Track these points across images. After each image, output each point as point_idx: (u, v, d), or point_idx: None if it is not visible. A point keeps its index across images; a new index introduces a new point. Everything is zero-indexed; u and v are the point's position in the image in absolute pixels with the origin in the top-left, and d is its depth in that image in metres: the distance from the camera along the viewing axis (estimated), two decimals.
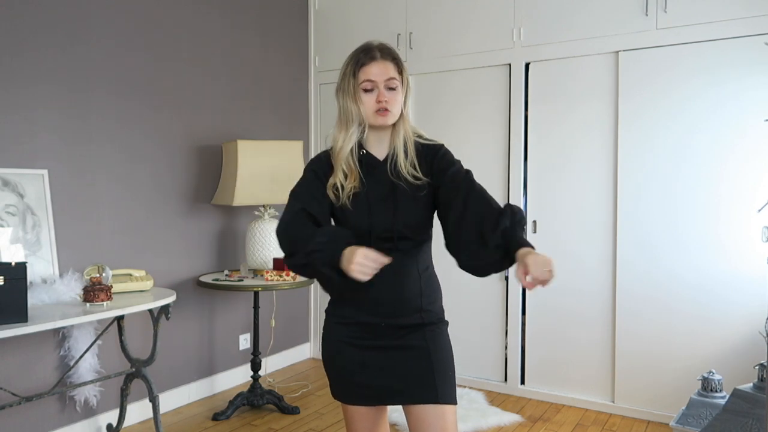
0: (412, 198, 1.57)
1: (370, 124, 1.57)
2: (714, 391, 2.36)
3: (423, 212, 1.59)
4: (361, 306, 1.58)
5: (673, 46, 3.04)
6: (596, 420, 3.15)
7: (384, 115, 1.54)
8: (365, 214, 1.56)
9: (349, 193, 1.56)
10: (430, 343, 1.58)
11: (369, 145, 1.61)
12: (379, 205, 1.56)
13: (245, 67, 3.75)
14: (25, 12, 2.61)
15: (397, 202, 1.56)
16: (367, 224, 1.55)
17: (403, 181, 1.56)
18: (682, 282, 3.04)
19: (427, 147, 1.63)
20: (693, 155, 3.02)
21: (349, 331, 1.60)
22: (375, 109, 1.54)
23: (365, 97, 1.55)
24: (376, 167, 1.59)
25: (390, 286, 1.55)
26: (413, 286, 1.59)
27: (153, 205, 3.19)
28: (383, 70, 1.55)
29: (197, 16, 3.42)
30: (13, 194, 2.55)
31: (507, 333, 3.55)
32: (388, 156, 1.59)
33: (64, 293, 2.50)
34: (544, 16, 3.38)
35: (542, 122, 3.43)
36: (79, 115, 2.83)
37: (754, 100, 2.86)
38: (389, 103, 1.54)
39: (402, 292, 1.57)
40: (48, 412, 2.71)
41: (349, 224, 1.57)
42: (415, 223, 1.57)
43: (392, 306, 1.57)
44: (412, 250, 1.59)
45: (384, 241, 1.54)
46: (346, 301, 1.60)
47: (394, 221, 1.55)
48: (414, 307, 1.59)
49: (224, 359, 3.63)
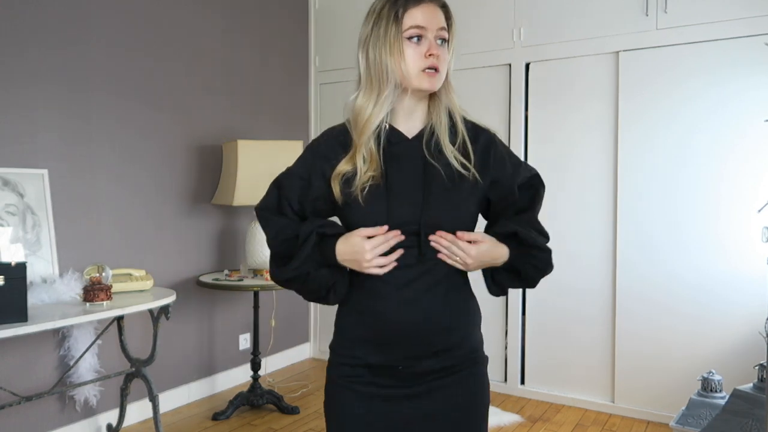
0: (450, 188, 1.18)
1: (412, 87, 1.17)
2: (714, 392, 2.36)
3: (464, 208, 1.20)
4: (369, 340, 1.21)
5: (673, 46, 3.03)
6: (596, 420, 3.15)
7: (433, 76, 1.16)
8: (382, 210, 1.17)
9: (364, 183, 1.17)
10: (464, 395, 1.22)
11: (395, 117, 1.22)
12: (402, 197, 1.18)
13: (245, 67, 3.75)
14: (25, 12, 2.61)
15: (429, 192, 1.17)
16: (390, 222, 1.17)
17: (443, 165, 1.19)
18: (682, 282, 3.04)
19: (477, 129, 1.27)
20: (693, 155, 3.02)
21: (355, 373, 1.22)
22: (423, 66, 1.15)
23: (409, 50, 1.15)
24: (402, 148, 1.21)
25: (410, 316, 1.17)
26: (441, 316, 1.19)
27: (153, 204, 3.19)
28: (434, 15, 1.17)
29: (197, 16, 3.42)
30: (13, 194, 2.55)
31: (507, 333, 3.55)
32: (423, 133, 1.21)
33: (64, 293, 2.50)
34: (544, 16, 3.38)
35: (542, 122, 3.43)
36: (80, 114, 2.83)
37: (754, 101, 2.86)
38: (440, 60, 1.17)
39: (426, 325, 1.18)
40: (48, 411, 2.71)
41: (357, 225, 1.20)
42: (451, 221, 1.18)
43: (414, 339, 1.18)
44: (441, 265, 1.19)
45: (405, 245, 1.17)
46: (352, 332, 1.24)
47: (422, 216, 1.16)
48: (444, 342, 1.20)
49: (224, 359, 3.63)
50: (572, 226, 3.34)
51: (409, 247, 1.17)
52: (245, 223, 3.62)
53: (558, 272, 3.32)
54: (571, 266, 3.31)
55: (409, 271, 1.17)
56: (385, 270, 1.16)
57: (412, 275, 1.18)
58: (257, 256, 3.28)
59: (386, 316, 1.18)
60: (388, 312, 1.18)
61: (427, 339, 1.19)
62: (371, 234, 1.16)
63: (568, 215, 3.34)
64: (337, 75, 4.08)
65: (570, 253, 3.32)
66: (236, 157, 3.21)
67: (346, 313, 1.26)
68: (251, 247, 3.29)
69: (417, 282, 1.18)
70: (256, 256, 3.28)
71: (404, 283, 1.18)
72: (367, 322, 1.21)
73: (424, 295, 1.18)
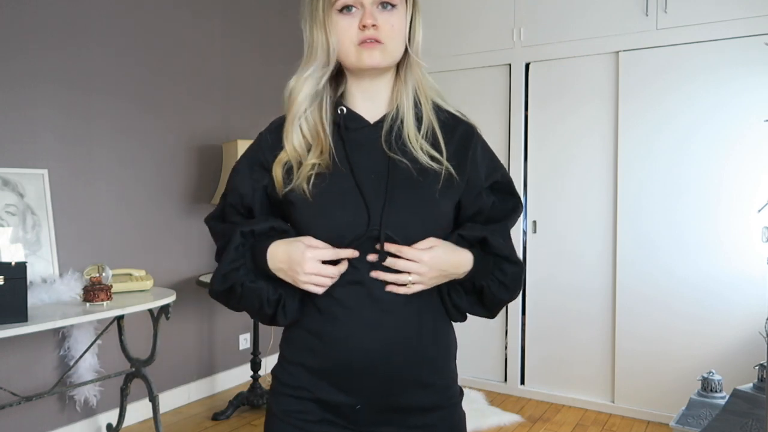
0: (418, 185, 0.98)
1: (351, 65, 0.99)
2: (714, 392, 2.36)
3: (436, 208, 0.99)
4: (320, 370, 0.99)
5: (673, 46, 3.04)
6: (596, 420, 3.15)
7: (371, 47, 0.95)
8: (333, 207, 0.97)
9: (308, 173, 0.98)
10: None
11: (351, 100, 1.03)
12: (358, 194, 0.97)
13: (245, 68, 3.75)
14: (25, 12, 2.61)
15: (392, 191, 0.97)
16: (336, 225, 0.96)
17: (409, 159, 0.99)
18: (682, 282, 3.04)
19: (455, 119, 1.06)
20: (693, 155, 3.02)
21: (302, 409, 1.00)
22: (357, 39, 0.96)
23: (342, 22, 0.96)
24: (362, 135, 1.02)
25: (372, 343, 0.96)
26: (410, 344, 0.98)
27: (153, 204, 3.19)
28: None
29: (197, 16, 3.42)
30: (13, 194, 2.55)
31: (507, 333, 3.55)
32: (386, 118, 1.02)
33: (64, 293, 2.50)
34: (545, 16, 3.38)
35: (542, 122, 3.43)
36: (80, 114, 2.83)
37: (754, 101, 2.86)
38: (381, 30, 0.95)
39: (392, 355, 0.97)
40: (48, 411, 2.71)
41: (304, 225, 0.99)
42: (420, 224, 0.98)
43: (374, 377, 0.97)
44: None
45: (362, 254, 0.96)
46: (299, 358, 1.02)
47: (383, 220, 0.95)
48: (410, 381, 0.99)
49: (224, 359, 3.63)
50: (572, 226, 3.34)
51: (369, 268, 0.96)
52: None
53: (558, 272, 3.34)
54: (571, 266, 3.31)
55: (365, 289, 0.96)
56: (322, 289, 0.96)
57: (374, 291, 0.96)
58: None
59: (341, 344, 0.97)
60: (343, 338, 0.96)
61: (393, 373, 0.98)
62: (320, 249, 0.96)
63: (568, 215, 3.34)
64: None
65: (570, 253, 3.32)
66: (236, 158, 3.20)
67: (292, 335, 1.04)
68: None
69: (380, 299, 0.96)
70: None
71: (363, 298, 0.96)
72: (317, 348, 0.99)
73: (389, 318, 0.97)
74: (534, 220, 3.45)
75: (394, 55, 0.99)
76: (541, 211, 3.44)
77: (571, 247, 3.33)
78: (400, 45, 1.00)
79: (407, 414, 1.00)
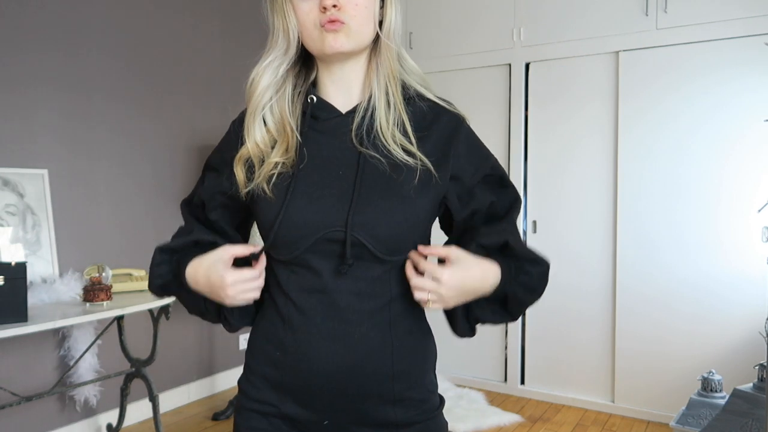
0: (390, 181, 0.89)
1: (316, 51, 0.91)
2: (714, 391, 2.36)
3: (411, 207, 0.88)
4: (284, 384, 0.92)
5: (673, 46, 3.04)
6: (596, 420, 3.15)
7: (334, 28, 0.87)
8: (296, 206, 0.88)
9: (269, 171, 0.91)
10: None
11: (323, 89, 0.96)
12: (325, 190, 0.89)
13: (245, 68, 3.73)
14: (25, 13, 2.61)
15: (360, 187, 0.88)
16: (299, 225, 0.88)
17: (381, 154, 0.90)
18: (682, 282, 3.04)
19: (438, 108, 0.95)
20: (693, 155, 3.02)
21: (269, 426, 0.94)
22: (320, 21, 0.88)
23: (302, 5, 0.89)
24: (332, 125, 0.93)
25: (338, 355, 0.88)
26: (379, 355, 0.90)
27: (153, 204, 3.19)
28: None
29: (196, 18, 3.42)
30: (13, 194, 2.55)
31: (507, 333, 3.55)
32: (358, 108, 0.93)
33: (64, 293, 2.50)
34: (545, 16, 3.38)
35: (542, 122, 3.43)
36: (80, 115, 2.83)
37: (754, 100, 2.86)
38: (344, 10, 0.87)
39: (360, 367, 0.89)
40: (48, 411, 2.71)
41: (266, 225, 0.91)
42: (388, 230, 0.87)
43: (342, 388, 0.89)
44: (378, 286, 0.90)
45: (324, 259, 0.88)
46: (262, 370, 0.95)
47: (350, 215, 0.86)
48: (380, 395, 0.91)
49: (224, 359, 3.63)
50: (572, 226, 3.34)
51: (331, 255, 0.88)
52: None
53: (558, 272, 3.34)
54: (571, 266, 3.31)
55: (336, 293, 0.88)
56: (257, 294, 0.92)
57: (339, 299, 0.88)
58: None
59: (300, 354, 0.90)
60: (301, 348, 0.89)
61: (362, 390, 0.90)
62: (240, 255, 0.90)
63: (568, 215, 3.34)
64: None
65: (570, 253, 3.32)
66: None
67: (254, 344, 0.98)
68: None
69: (346, 307, 0.88)
70: None
71: (327, 307, 0.88)
72: (279, 361, 0.92)
73: (356, 329, 0.88)
74: (534, 220, 3.45)
75: (361, 38, 0.89)
76: (541, 211, 3.44)
77: (571, 247, 3.33)
78: (367, 26, 0.89)
79: (380, 430, 0.92)
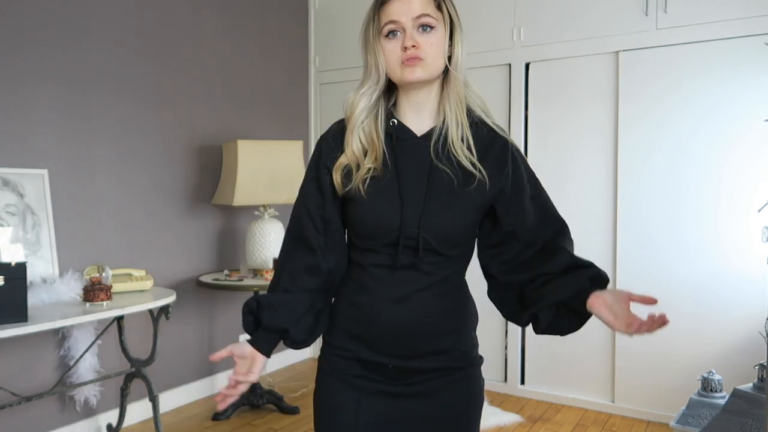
0: (455, 194, 1.15)
1: (397, 80, 1.16)
2: (714, 391, 2.36)
3: (466, 216, 1.17)
4: (359, 335, 1.20)
5: (673, 46, 3.03)
6: (596, 420, 3.15)
7: (412, 64, 1.12)
8: (381, 207, 1.15)
9: (364, 175, 1.15)
10: (457, 397, 1.20)
11: (401, 111, 1.21)
12: (404, 196, 1.15)
13: (245, 67, 3.75)
14: (25, 12, 2.61)
15: (431, 195, 1.15)
16: (381, 222, 1.15)
17: (450, 167, 1.15)
18: (682, 282, 3.04)
19: (492, 132, 1.22)
20: (693, 155, 3.02)
21: (347, 366, 1.21)
22: (400, 58, 1.13)
23: (388, 45, 1.14)
24: (410, 145, 1.18)
25: (401, 317, 1.16)
26: (433, 320, 1.18)
27: (153, 204, 3.19)
28: (409, 5, 1.13)
29: (197, 16, 3.42)
30: (13, 194, 2.55)
31: (507, 333, 3.55)
32: (434, 130, 1.18)
33: (64, 293, 2.50)
34: (544, 16, 3.38)
35: (542, 122, 3.43)
36: (80, 114, 2.83)
37: (754, 100, 2.86)
38: (421, 49, 1.12)
39: (418, 327, 1.17)
40: (48, 412, 2.71)
41: (357, 219, 1.18)
42: (451, 227, 1.15)
43: (402, 343, 1.17)
44: (438, 271, 1.18)
45: (402, 251, 1.15)
46: (343, 325, 1.23)
47: (421, 220, 1.13)
48: (432, 349, 1.19)
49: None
50: (572, 226, 3.28)
51: (407, 247, 1.15)
52: (245, 223, 3.62)
53: None
54: None
55: (404, 272, 1.16)
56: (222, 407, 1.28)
57: (406, 276, 1.16)
58: (257, 256, 3.28)
59: (374, 314, 1.17)
60: (375, 309, 1.17)
61: (416, 340, 1.17)
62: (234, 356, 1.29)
63: (568, 215, 3.30)
64: (337, 75, 4.08)
65: None
66: (236, 157, 3.20)
67: (338, 305, 1.26)
68: (251, 247, 3.29)
69: (410, 282, 1.16)
70: (256, 256, 3.28)
71: (396, 281, 1.16)
72: (355, 317, 1.20)
73: (415, 295, 1.16)
74: None
75: (433, 70, 1.14)
76: None
77: None
78: (439, 61, 1.14)
79: (431, 373, 1.19)
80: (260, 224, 3.30)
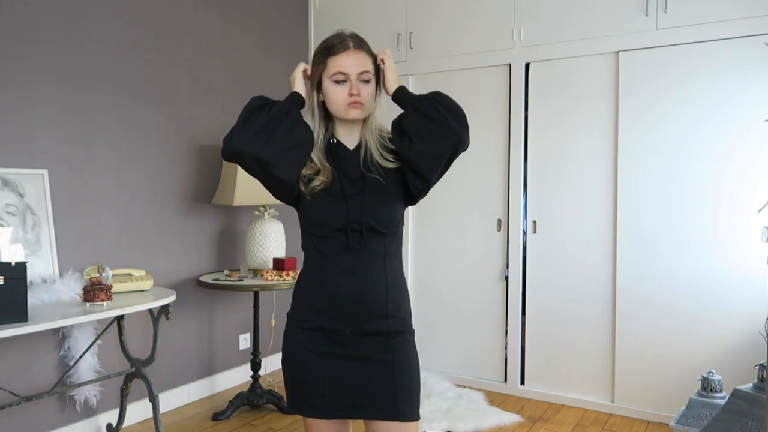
0: (383, 188, 1.51)
1: (340, 117, 1.51)
2: (714, 392, 2.36)
3: (393, 203, 1.52)
4: (323, 309, 1.50)
5: (673, 46, 3.04)
6: (596, 420, 3.15)
7: (357, 107, 1.47)
8: (324, 206, 1.49)
9: (315, 186, 1.50)
10: (396, 355, 1.50)
11: (341, 133, 1.56)
12: (347, 197, 1.50)
13: (245, 67, 3.75)
14: (25, 12, 2.61)
15: (365, 193, 1.49)
16: (335, 215, 1.47)
17: (375, 171, 1.51)
18: (682, 282, 3.04)
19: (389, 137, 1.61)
20: (693, 155, 3.02)
21: (311, 337, 1.51)
22: (347, 101, 1.47)
23: (336, 89, 1.48)
24: (346, 157, 1.54)
25: (355, 287, 1.48)
26: (379, 288, 1.49)
27: (153, 204, 3.19)
28: (357, 62, 1.47)
29: (197, 16, 3.42)
30: (13, 194, 2.55)
31: (507, 333, 3.55)
32: (360, 147, 1.54)
33: (64, 293, 2.50)
34: (544, 16, 3.38)
35: (542, 122, 3.43)
36: (80, 114, 2.83)
37: (754, 100, 2.86)
38: (362, 96, 1.47)
39: (368, 294, 1.48)
40: (48, 412, 2.71)
41: (318, 215, 1.49)
42: (383, 214, 1.49)
43: (356, 309, 1.48)
44: (379, 248, 1.50)
45: (350, 234, 1.48)
46: (306, 301, 1.54)
47: (362, 212, 1.47)
48: (380, 312, 1.49)
49: (224, 359, 3.63)
50: (572, 226, 3.34)
51: (354, 231, 1.47)
52: (245, 223, 3.62)
53: (558, 272, 3.34)
54: (571, 266, 3.31)
55: (351, 253, 1.48)
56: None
57: (356, 254, 1.48)
58: (257, 256, 3.28)
59: (334, 287, 1.48)
60: (335, 283, 1.48)
61: (368, 305, 1.48)
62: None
63: (568, 216, 3.34)
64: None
65: (570, 254, 3.32)
66: None
67: (300, 285, 1.57)
68: (251, 247, 3.29)
69: (358, 260, 1.48)
70: (255, 256, 3.28)
71: (348, 258, 1.48)
72: (316, 293, 1.51)
73: (364, 268, 1.48)
74: (534, 220, 3.45)
75: (368, 110, 1.52)
76: (541, 211, 3.43)
77: (571, 247, 3.33)
78: (371, 104, 1.52)
79: (380, 335, 1.50)
80: (260, 224, 3.30)
